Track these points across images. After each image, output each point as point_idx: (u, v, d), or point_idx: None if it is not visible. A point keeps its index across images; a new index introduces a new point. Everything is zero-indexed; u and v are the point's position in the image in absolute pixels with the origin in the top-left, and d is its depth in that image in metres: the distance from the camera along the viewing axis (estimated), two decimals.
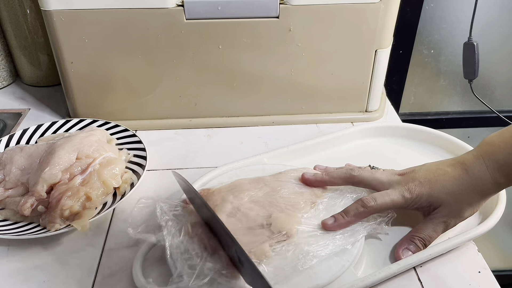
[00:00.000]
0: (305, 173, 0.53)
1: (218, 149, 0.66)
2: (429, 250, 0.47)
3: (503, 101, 1.05)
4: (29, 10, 0.75)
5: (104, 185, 0.54)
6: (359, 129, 0.66)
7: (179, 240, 0.45)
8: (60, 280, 0.47)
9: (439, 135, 0.65)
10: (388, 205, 0.48)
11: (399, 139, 0.67)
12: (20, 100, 0.79)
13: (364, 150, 0.65)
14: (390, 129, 0.67)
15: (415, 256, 0.47)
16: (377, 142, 0.67)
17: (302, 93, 0.69)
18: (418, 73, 0.99)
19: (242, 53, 0.64)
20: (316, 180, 0.52)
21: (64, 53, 0.63)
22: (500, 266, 1.29)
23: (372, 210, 0.48)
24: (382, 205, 0.48)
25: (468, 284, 0.46)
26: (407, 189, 0.48)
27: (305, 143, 0.63)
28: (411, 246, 0.48)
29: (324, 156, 0.63)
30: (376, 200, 0.48)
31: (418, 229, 0.49)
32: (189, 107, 0.69)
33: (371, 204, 0.48)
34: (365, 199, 0.48)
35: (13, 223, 0.53)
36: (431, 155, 0.63)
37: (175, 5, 0.60)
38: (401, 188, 0.49)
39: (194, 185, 0.53)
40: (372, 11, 0.62)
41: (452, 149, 0.63)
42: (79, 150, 0.56)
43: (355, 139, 0.66)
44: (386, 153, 0.64)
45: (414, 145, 0.66)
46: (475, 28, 0.83)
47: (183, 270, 0.42)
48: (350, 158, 0.61)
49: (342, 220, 0.48)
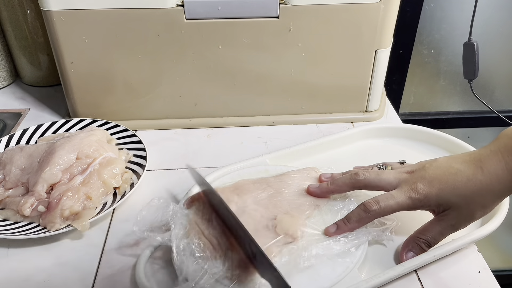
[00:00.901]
0: (310, 186, 0.51)
1: (218, 149, 0.66)
2: (433, 252, 0.46)
3: (503, 101, 1.05)
4: (29, 10, 0.75)
5: (104, 185, 0.54)
6: (361, 130, 0.66)
7: (185, 242, 0.45)
8: (60, 280, 0.47)
9: (439, 136, 0.65)
10: (393, 208, 0.45)
11: (400, 139, 0.67)
12: (20, 100, 0.79)
13: (366, 151, 0.65)
14: (391, 130, 0.67)
15: (419, 258, 0.46)
16: (378, 143, 0.67)
17: (302, 93, 0.69)
18: (418, 73, 0.99)
19: (242, 53, 0.64)
20: (322, 192, 0.50)
21: (64, 53, 0.63)
22: (500, 266, 1.29)
23: (375, 214, 0.46)
24: (386, 208, 0.45)
25: (468, 284, 0.46)
26: (414, 189, 0.45)
27: (307, 144, 0.63)
28: (415, 248, 0.46)
29: (326, 157, 0.63)
30: (379, 203, 0.45)
31: (424, 230, 0.46)
32: (189, 107, 0.69)
33: (374, 208, 0.45)
34: (367, 203, 0.46)
35: (13, 223, 0.53)
36: (432, 156, 0.63)
37: (175, 5, 0.60)
38: (407, 188, 0.45)
39: (191, 191, 0.53)
40: (372, 11, 0.62)
41: (453, 149, 0.63)
42: (79, 150, 0.56)
43: (357, 140, 0.66)
44: (388, 154, 0.64)
45: (415, 145, 0.66)
46: (475, 28, 0.83)
47: (188, 273, 0.42)
48: (351, 159, 0.61)
49: (344, 227, 0.46)
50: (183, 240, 0.45)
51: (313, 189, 0.51)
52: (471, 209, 0.44)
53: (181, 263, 0.43)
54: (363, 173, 0.49)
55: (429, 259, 0.46)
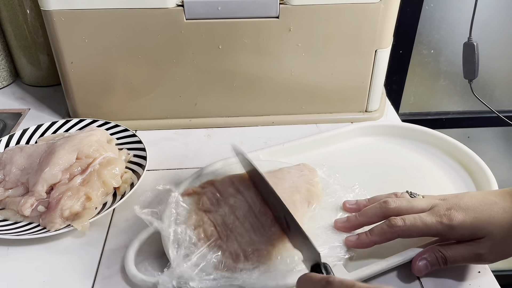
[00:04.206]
0: (338, 221, 0.48)
1: (218, 149, 0.66)
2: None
3: (503, 101, 1.05)
4: (29, 10, 0.75)
5: (104, 185, 0.54)
6: (354, 128, 0.67)
7: (180, 229, 0.46)
8: (60, 280, 0.47)
9: (433, 134, 0.65)
10: (419, 229, 0.43)
11: (394, 138, 0.67)
12: (20, 100, 0.79)
13: (359, 148, 0.65)
14: (385, 128, 0.67)
15: (404, 254, 0.45)
16: (372, 141, 0.67)
17: (302, 93, 0.69)
18: (418, 73, 0.99)
19: (242, 53, 0.64)
20: (353, 226, 0.47)
21: (64, 53, 0.63)
22: (500, 266, 1.29)
23: (400, 231, 0.44)
24: (412, 228, 0.43)
25: (468, 284, 0.46)
26: (447, 215, 0.43)
27: (300, 141, 0.63)
28: (431, 258, 0.44)
29: (320, 154, 0.63)
30: (405, 221, 0.43)
31: (448, 246, 0.44)
32: (189, 107, 0.69)
33: (398, 224, 0.43)
34: (393, 219, 0.44)
35: (13, 223, 0.53)
36: (427, 155, 0.64)
37: (175, 5, 0.60)
38: (440, 213, 0.43)
39: (186, 182, 0.54)
40: (372, 11, 0.62)
41: (447, 149, 0.63)
42: (79, 150, 0.56)
43: (350, 138, 0.66)
44: (382, 152, 0.64)
45: (409, 144, 0.66)
46: (475, 28, 0.83)
47: (180, 258, 0.43)
48: (346, 157, 0.62)
49: (366, 240, 0.45)
50: (178, 227, 0.46)
51: (342, 224, 0.48)
52: (506, 242, 0.42)
53: (172, 250, 0.44)
54: (393, 201, 0.46)
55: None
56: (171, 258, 0.44)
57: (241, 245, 0.45)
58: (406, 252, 0.46)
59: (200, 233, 0.46)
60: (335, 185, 0.53)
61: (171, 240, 0.45)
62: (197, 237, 0.46)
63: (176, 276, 0.42)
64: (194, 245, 0.45)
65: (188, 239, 0.45)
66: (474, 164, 0.59)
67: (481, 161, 0.59)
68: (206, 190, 0.51)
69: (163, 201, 0.50)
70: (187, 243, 0.45)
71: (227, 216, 0.48)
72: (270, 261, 0.44)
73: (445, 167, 0.61)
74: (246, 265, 0.43)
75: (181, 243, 0.45)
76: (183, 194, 0.51)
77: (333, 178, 0.54)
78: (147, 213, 0.47)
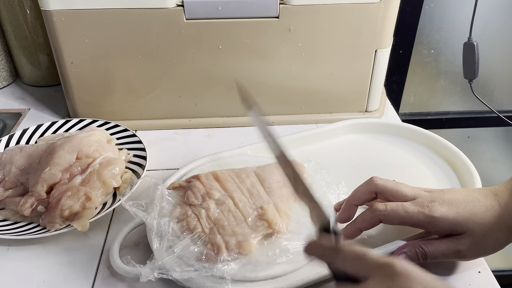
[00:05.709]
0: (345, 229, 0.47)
1: (218, 149, 0.66)
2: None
3: (503, 101, 1.05)
4: (29, 10, 0.75)
5: (104, 185, 0.54)
6: (343, 124, 0.66)
7: (164, 221, 0.47)
8: (60, 280, 0.47)
9: (421, 132, 0.65)
10: (400, 216, 0.43)
11: (382, 135, 0.66)
12: (20, 100, 0.79)
13: (347, 145, 0.65)
14: (374, 126, 0.67)
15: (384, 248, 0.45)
16: (361, 138, 0.66)
17: (302, 93, 0.69)
18: (418, 73, 0.99)
19: (242, 53, 0.64)
20: (353, 235, 0.47)
21: (64, 53, 0.63)
22: (500, 266, 1.29)
23: (381, 215, 0.44)
24: (393, 214, 0.43)
25: (468, 284, 0.46)
26: (430, 206, 0.43)
27: (289, 137, 0.63)
28: (411, 253, 0.44)
29: (309, 150, 0.63)
30: (387, 206, 0.44)
31: (428, 241, 0.44)
32: (189, 107, 0.69)
33: (380, 208, 0.43)
34: (375, 204, 0.44)
35: (13, 223, 0.53)
36: (412, 153, 0.63)
37: (175, 5, 0.60)
38: (422, 204, 0.43)
39: (173, 177, 0.55)
40: (372, 11, 0.62)
41: (434, 147, 0.63)
42: (79, 150, 0.56)
43: (339, 135, 0.66)
44: (369, 149, 0.64)
45: (396, 141, 0.65)
46: (475, 28, 0.83)
47: (162, 250, 0.44)
48: (335, 153, 0.62)
49: (351, 229, 0.45)
50: (161, 220, 0.47)
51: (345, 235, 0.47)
52: (485, 241, 0.42)
53: (156, 241, 0.45)
54: (380, 179, 0.47)
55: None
56: (154, 250, 0.45)
57: (224, 237, 0.46)
58: (386, 246, 0.46)
59: (183, 226, 0.47)
60: (320, 181, 0.54)
61: (154, 232, 0.46)
62: (181, 230, 0.47)
63: (158, 267, 0.42)
64: (177, 237, 0.46)
65: (171, 231, 0.46)
66: (459, 161, 0.59)
67: (466, 158, 0.58)
68: (191, 184, 0.52)
69: (150, 194, 0.51)
70: (170, 236, 0.46)
71: (211, 210, 0.48)
72: (251, 254, 0.45)
73: (430, 163, 0.61)
74: (228, 257, 0.44)
75: (164, 235, 0.46)
76: (169, 188, 0.52)
77: (319, 174, 0.55)
78: (133, 205, 0.48)
